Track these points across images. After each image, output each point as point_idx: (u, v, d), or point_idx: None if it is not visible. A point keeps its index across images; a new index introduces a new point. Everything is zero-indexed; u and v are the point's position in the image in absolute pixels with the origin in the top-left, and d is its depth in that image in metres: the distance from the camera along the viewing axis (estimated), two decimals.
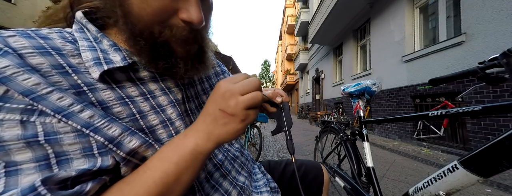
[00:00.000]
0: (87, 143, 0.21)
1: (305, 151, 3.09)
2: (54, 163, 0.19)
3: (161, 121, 0.29)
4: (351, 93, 1.08)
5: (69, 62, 0.23)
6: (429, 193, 0.53)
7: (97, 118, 0.22)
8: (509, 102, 0.42)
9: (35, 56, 0.20)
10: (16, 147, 0.18)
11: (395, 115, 0.74)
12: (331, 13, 5.52)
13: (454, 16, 2.94)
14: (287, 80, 19.14)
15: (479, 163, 0.43)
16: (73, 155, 0.20)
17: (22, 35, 0.21)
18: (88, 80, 0.23)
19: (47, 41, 0.22)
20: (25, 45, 0.20)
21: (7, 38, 0.20)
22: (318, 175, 0.57)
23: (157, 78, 0.30)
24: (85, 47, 0.25)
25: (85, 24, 0.26)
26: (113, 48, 0.26)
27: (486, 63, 0.48)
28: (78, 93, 0.22)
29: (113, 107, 0.24)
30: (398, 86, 3.77)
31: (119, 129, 0.23)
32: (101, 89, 0.24)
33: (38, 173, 0.18)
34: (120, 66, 0.25)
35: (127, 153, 0.23)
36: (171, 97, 0.31)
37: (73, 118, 0.20)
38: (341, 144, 1.17)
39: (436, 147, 2.89)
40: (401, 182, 1.85)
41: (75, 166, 0.20)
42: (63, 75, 0.22)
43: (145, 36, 0.25)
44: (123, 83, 0.26)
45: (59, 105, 0.20)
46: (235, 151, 0.45)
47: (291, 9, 18.78)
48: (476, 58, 2.43)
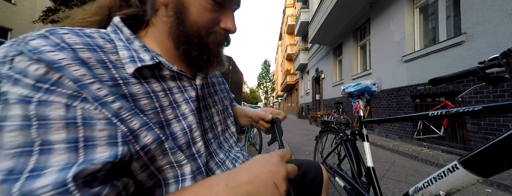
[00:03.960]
0: (113, 131, 0.23)
1: (305, 151, 3.09)
2: (81, 146, 0.20)
3: (176, 116, 0.32)
4: (351, 93, 1.08)
5: (110, 59, 0.27)
6: (429, 193, 0.53)
7: (124, 110, 0.25)
8: (509, 102, 0.42)
9: (84, 51, 0.24)
10: (56, 126, 0.20)
11: (395, 115, 0.74)
12: (331, 13, 5.52)
13: (454, 16, 2.94)
14: (287, 80, 19.14)
15: (479, 163, 0.43)
16: (99, 141, 0.22)
17: (73, 33, 0.25)
18: (124, 75, 0.27)
19: (92, 39, 0.26)
20: (77, 41, 0.24)
21: (62, 35, 0.24)
22: (318, 175, 0.58)
23: (175, 77, 0.34)
24: (121, 47, 0.29)
25: (120, 28, 0.31)
26: (143, 49, 0.31)
27: (486, 63, 0.48)
28: (115, 85, 0.26)
29: (141, 100, 0.28)
30: (398, 86, 3.77)
31: (139, 123, 0.26)
32: (133, 83, 0.28)
33: (66, 154, 0.19)
34: (148, 64, 0.30)
35: (141, 148, 0.26)
36: (185, 95, 0.35)
37: (106, 107, 0.23)
38: (341, 144, 1.17)
39: (436, 147, 2.89)
40: (401, 182, 1.85)
41: (98, 153, 0.21)
42: (105, 69, 0.25)
43: (193, 37, 0.32)
44: (149, 79, 0.31)
45: (97, 94, 0.23)
46: (237, 152, 0.47)
47: (291, 9, 18.77)
48: (476, 58, 2.43)
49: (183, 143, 0.32)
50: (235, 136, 0.51)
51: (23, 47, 0.21)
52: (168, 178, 0.30)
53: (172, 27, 0.32)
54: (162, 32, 0.33)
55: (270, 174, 0.26)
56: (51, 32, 0.23)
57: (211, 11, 0.32)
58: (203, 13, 0.31)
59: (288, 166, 0.29)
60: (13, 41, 0.22)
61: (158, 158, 0.28)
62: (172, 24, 0.32)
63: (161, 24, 0.33)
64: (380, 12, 4.44)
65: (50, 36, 0.23)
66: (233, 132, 0.50)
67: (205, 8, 0.31)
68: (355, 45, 5.95)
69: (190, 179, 0.31)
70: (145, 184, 0.28)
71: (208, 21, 0.32)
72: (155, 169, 0.28)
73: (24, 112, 0.19)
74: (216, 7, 0.32)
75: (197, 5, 0.31)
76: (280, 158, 0.29)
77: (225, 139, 0.47)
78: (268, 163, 0.28)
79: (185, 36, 0.32)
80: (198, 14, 0.31)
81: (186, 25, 0.31)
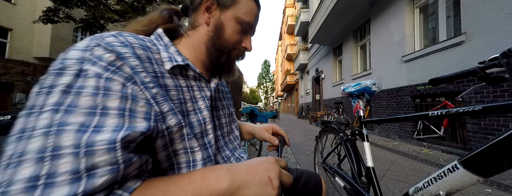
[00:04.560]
0: (149, 109, 0.30)
1: (305, 151, 3.09)
2: (127, 115, 0.27)
3: (194, 109, 0.40)
4: (351, 93, 1.08)
5: (154, 57, 0.36)
6: (429, 193, 0.53)
7: (159, 95, 0.32)
8: (509, 102, 0.42)
9: (139, 49, 0.33)
10: (114, 96, 0.27)
11: (395, 115, 0.74)
12: (331, 13, 5.52)
13: (454, 16, 2.94)
14: (287, 80, 19.14)
15: (479, 163, 0.43)
16: (139, 114, 0.28)
17: (133, 36, 0.34)
18: (162, 70, 0.36)
19: (144, 42, 0.36)
20: (135, 42, 0.33)
21: (126, 37, 0.33)
22: (318, 184, 0.62)
23: (196, 77, 0.43)
24: (162, 49, 0.38)
25: (162, 36, 0.41)
26: (177, 53, 0.40)
27: (486, 63, 0.48)
28: (155, 76, 0.34)
29: (171, 90, 0.36)
30: (398, 86, 3.77)
31: (168, 107, 0.33)
32: (167, 77, 0.36)
33: (117, 119, 0.26)
34: (180, 64, 0.38)
35: (166, 128, 0.32)
36: (202, 93, 0.43)
37: (148, 90, 0.31)
38: (341, 144, 1.17)
39: (436, 147, 2.89)
40: (401, 182, 1.85)
41: (138, 122, 0.27)
42: (150, 64, 0.34)
43: (224, 48, 0.44)
44: (178, 76, 0.39)
45: (144, 80, 0.31)
46: (241, 153, 0.52)
47: (291, 9, 18.77)
48: (476, 58, 2.43)
49: (197, 133, 0.39)
50: (239, 140, 0.56)
51: (100, 41, 0.29)
52: (181, 163, 0.36)
53: (211, 39, 0.43)
54: (197, 42, 0.44)
55: (265, 169, 0.32)
56: (119, 34, 0.33)
57: (238, 34, 0.44)
58: (233, 34, 0.44)
59: (282, 170, 0.34)
60: (93, 37, 0.30)
61: (176, 141, 0.35)
62: (212, 37, 0.43)
63: (198, 36, 0.44)
64: (380, 12, 4.44)
65: (118, 36, 0.32)
66: (237, 135, 0.56)
67: (235, 31, 0.44)
68: (355, 45, 5.95)
69: (201, 165, 0.37)
70: (162, 164, 0.34)
71: (236, 40, 0.44)
72: (172, 151, 0.34)
73: (96, 84, 0.26)
74: (241, 32, 0.45)
75: (231, 27, 0.43)
76: (276, 160, 0.34)
77: (230, 140, 0.52)
78: (265, 162, 0.33)
79: (219, 46, 0.43)
80: (230, 34, 0.43)
81: (221, 39, 0.43)
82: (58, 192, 0.20)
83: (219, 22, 0.43)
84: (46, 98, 0.24)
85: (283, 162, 0.36)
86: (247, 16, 0.44)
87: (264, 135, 0.60)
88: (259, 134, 0.62)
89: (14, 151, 0.21)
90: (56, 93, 0.24)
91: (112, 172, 0.23)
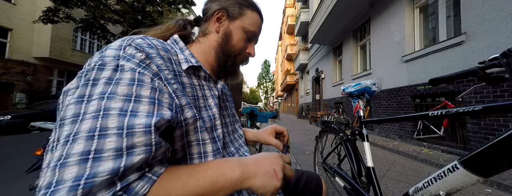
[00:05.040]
0: (172, 101, 0.34)
1: (305, 151, 3.09)
2: (156, 103, 0.31)
3: (205, 105, 0.44)
4: (351, 93, 1.08)
5: (173, 58, 0.40)
6: (429, 193, 0.53)
7: (178, 90, 0.37)
8: (509, 102, 0.42)
9: (161, 50, 0.38)
10: (146, 87, 0.31)
11: (395, 115, 0.74)
12: (331, 13, 5.52)
13: (454, 16, 2.94)
14: (287, 80, 19.14)
15: (479, 163, 0.43)
16: (164, 105, 0.32)
17: (156, 39, 0.39)
18: (179, 69, 0.41)
19: (164, 45, 0.41)
20: (158, 44, 0.38)
21: (151, 40, 0.38)
22: (318, 185, 0.64)
23: (207, 78, 0.47)
24: (178, 52, 0.44)
25: (177, 41, 0.47)
26: (191, 56, 0.46)
27: (486, 63, 0.48)
28: (175, 74, 0.38)
29: (187, 88, 0.40)
30: (398, 86, 3.77)
31: (185, 101, 0.37)
32: (184, 76, 0.41)
33: (148, 106, 0.30)
34: (194, 65, 0.43)
35: (184, 119, 0.36)
36: (211, 92, 0.47)
37: (170, 85, 0.35)
38: (341, 144, 1.17)
39: (436, 147, 2.89)
40: (401, 182, 1.85)
41: (164, 111, 0.32)
42: (170, 63, 0.39)
43: (231, 53, 0.50)
44: (191, 76, 0.44)
45: (167, 77, 0.36)
46: (245, 151, 0.55)
47: (291, 9, 18.76)
48: (476, 58, 2.43)
49: (208, 127, 0.43)
50: (243, 138, 0.59)
51: (131, 42, 0.34)
52: (193, 154, 0.39)
53: (220, 44, 0.49)
54: (207, 47, 0.50)
55: (271, 163, 0.37)
56: (145, 37, 0.38)
57: (244, 41, 0.50)
58: (239, 41, 0.50)
59: (285, 164, 0.39)
60: (124, 38, 0.35)
61: (190, 133, 0.38)
62: (221, 43, 0.49)
63: (209, 42, 0.50)
64: (380, 12, 4.44)
65: (145, 39, 0.37)
66: (241, 134, 0.59)
67: (241, 38, 0.50)
68: (355, 45, 5.95)
69: (212, 156, 0.41)
70: (177, 154, 0.37)
71: (241, 46, 0.50)
72: (186, 142, 0.38)
73: (132, 76, 0.31)
74: (246, 40, 0.51)
75: (238, 36, 0.49)
76: (280, 156, 0.40)
77: (235, 138, 0.56)
78: (271, 156, 0.39)
79: (227, 51, 0.49)
80: (237, 41, 0.49)
81: (229, 45, 0.49)
82: (105, 165, 0.24)
83: (228, 30, 0.49)
84: (92, 88, 0.28)
85: (287, 158, 0.41)
86: (251, 26, 0.50)
87: (270, 141, 0.63)
88: (264, 140, 0.64)
89: (71, 131, 0.25)
90: (101, 84, 0.29)
91: (146, 152, 0.27)
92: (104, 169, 0.23)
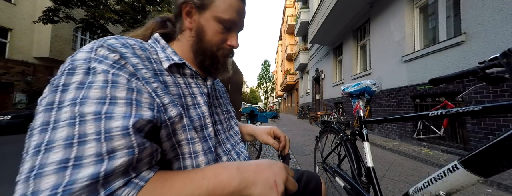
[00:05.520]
0: (152, 101, 0.33)
1: (305, 151, 3.09)
2: (134, 103, 0.30)
3: (193, 104, 0.42)
4: (351, 93, 1.08)
5: (152, 57, 0.39)
6: (429, 193, 0.53)
7: (160, 89, 0.35)
8: (509, 102, 0.42)
9: (138, 50, 0.36)
10: (121, 88, 0.30)
11: (395, 115, 0.74)
12: (331, 13, 5.52)
13: (454, 16, 2.94)
14: (287, 80, 19.13)
15: (479, 163, 0.43)
16: (144, 105, 0.31)
17: (132, 39, 0.38)
18: (160, 68, 0.39)
19: (142, 44, 0.39)
20: (135, 44, 0.37)
21: (126, 39, 0.36)
22: (318, 185, 0.63)
23: (193, 75, 0.46)
24: (159, 50, 0.42)
25: (159, 40, 0.45)
26: (173, 53, 0.43)
27: (486, 63, 0.48)
28: (155, 73, 0.37)
29: (170, 86, 0.39)
30: (398, 86, 3.77)
31: (168, 100, 0.36)
32: (166, 74, 0.39)
33: (125, 107, 0.29)
34: (177, 63, 0.42)
35: (168, 118, 0.35)
36: (200, 89, 0.45)
37: (149, 85, 0.34)
38: (341, 144, 1.17)
39: (436, 147, 2.89)
40: (401, 182, 1.85)
41: (144, 111, 0.30)
42: (149, 62, 0.37)
43: (207, 51, 0.45)
44: (175, 74, 0.42)
45: (145, 76, 0.34)
46: (241, 148, 0.54)
47: (291, 9, 18.76)
48: (476, 58, 2.43)
49: (197, 126, 0.41)
50: (239, 135, 0.58)
51: (103, 43, 0.33)
52: (184, 153, 0.38)
53: (194, 43, 0.45)
54: (185, 45, 0.46)
55: (273, 173, 0.33)
56: (120, 37, 0.36)
57: (221, 33, 0.45)
58: (215, 35, 0.44)
59: (289, 177, 0.35)
60: (96, 40, 0.34)
61: (178, 132, 0.37)
62: (194, 41, 0.45)
63: (185, 40, 0.46)
64: (380, 12, 4.44)
65: (119, 39, 0.35)
66: (237, 131, 0.58)
67: (217, 31, 0.44)
68: (355, 45, 5.95)
69: (202, 154, 0.40)
70: (167, 155, 0.36)
71: (219, 40, 0.45)
72: (176, 142, 0.37)
73: (105, 78, 0.29)
74: (225, 30, 0.45)
75: (212, 29, 0.44)
76: (284, 167, 0.36)
77: (230, 135, 0.54)
78: (274, 166, 0.35)
79: (202, 50, 0.45)
80: (212, 35, 0.44)
81: (203, 42, 0.44)
82: (85, 171, 0.23)
83: (199, 25, 0.43)
84: (62, 95, 0.27)
85: (291, 172, 0.38)
86: (226, 13, 0.43)
87: (267, 140, 0.60)
88: (261, 138, 0.61)
89: (41, 141, 0.24)
90: (72, 89, 0.27)
91: (128, 154, 0.26)
92: (84, 175, 0.22)
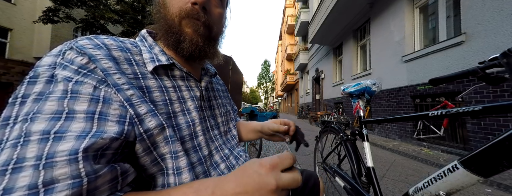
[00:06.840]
0: (124, 112, 0.29)
1: (305, 151, 3.09)
2: (96, 118, 0.26)
3: (182, 110, 0.38)
4: (351, 93, 1.08)
5: (134, 58, 0.35)
6: (429, 193, 0.53)
7: (136, 97, 0.31)
8: (509, 102, 0.42)
9: (117, 51, 0.32)
10: (83, 99, 0.26)
11: (395, 115, 0.74)
12: (331, 13, 5.52)
13: (454, 16, 2.94)
14: (287, 80, 19.13)
15: (479, 163, 0.43)
16: (111, 117, 0.27)
17: (111, 38, 0.34)
18: (143, 71, 0.35)
19: (124, 43, 0.35)
20: (113, 44, 0.33)
21: (103, 39, 0.33)
22: (316, 183, 0.63)
23: (184, 77, 0.41)
24: (144, 50, 0.37)
25: (146, 37, 0.40)
26: (161, 52, 0.38)
27: (486, 63, 0.48)
28: (135, 77, 0.33)
29: (154, 92, 0.35)
30: (398, 86, 3.76)
31: (146, 109, 0.31)
32: (150, 78, 0.35)
33: (84, 123, 0.24)
34: (163, 64, 0.37)
35: (145, 131, 0.30)
36: (191, 93, 0.41)
37: (121, 92, 0.29)
38: (341, 144, 1.17)
39: (436, 147, 2.89)
40: (401, 182, 1.85)
41: (109, 126, 0.26)
42: (129, 65, 0.33)
43: (172, 28, 0.37)
44: (162, 77, 0.38)
45: (117, 82, 0.29)
46: (240, 151, 0.51)
47: (291, 9, 18.76)
48: (476, 58, 2.43)
49: (186, 135, 0.37)
50: (237, 139, 0.55)
51: (73, 44, 0.29)
52: (168, 168, 0.33)
53: (160, 25, 0.39)
54: (163, 35, 0.40)
55: (256, 187, 0.24)
56: (95, 37, 0.32)
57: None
58: (170, 2, 0.37)
59: (282, 177, 0.25)
60: (67, 42, 0.30)
61: (160, 145, 0.32)
62: (160, 23, 0.39)
63: (160, 30, 0.40)
64: (380, 12, 4.44)
65: (93, 39, 0.31)
66: (234, 135, 0.55)
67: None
68: (355, 45, 5.95)
69: (187, 171, 0.34)
70: (148, 170, 0.32)
71: (177, 2, 0.37)
72: (158, 155, 0.32)
73: (64, 88, 0.25)
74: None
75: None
76: (272, 167, 0.25)
77: (227, 139, 0.51)
78: (255, 175, 0.24)
79: (168, 25, 0.38)
80: (170, 5, 0.37)
81: (166, 17, 0.38)
82: None
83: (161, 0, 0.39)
84: (20, 108, 0.24)
85: (287, 161, 0.27)
86: None
87: (272, 126, 0.56)
88: (266, 127, 0.58)
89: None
90: (29, 102, 0.24)
91: (73, 187, 0.21)
92: None
